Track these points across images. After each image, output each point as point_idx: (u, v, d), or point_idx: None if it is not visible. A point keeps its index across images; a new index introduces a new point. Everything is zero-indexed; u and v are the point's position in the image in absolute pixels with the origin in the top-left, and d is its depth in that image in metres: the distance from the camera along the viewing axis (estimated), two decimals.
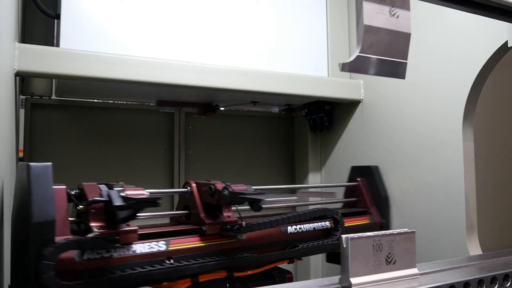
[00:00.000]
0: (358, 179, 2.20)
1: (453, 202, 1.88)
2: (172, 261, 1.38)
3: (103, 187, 1.30)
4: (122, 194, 1.20)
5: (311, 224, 1.79)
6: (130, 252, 1.30)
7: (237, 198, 1.38)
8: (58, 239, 1.17)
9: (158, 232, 1.43)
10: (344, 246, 0.84)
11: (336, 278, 0.87)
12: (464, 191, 1.84)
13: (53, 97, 2.36)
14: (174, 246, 1.40)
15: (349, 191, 2.24)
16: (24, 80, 2.25)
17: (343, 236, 0.84)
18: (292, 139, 2.99)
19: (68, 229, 1.26)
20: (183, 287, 1.40)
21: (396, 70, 0.93)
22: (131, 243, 1.30)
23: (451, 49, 1.94)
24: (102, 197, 1.24)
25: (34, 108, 2.31)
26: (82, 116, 2.43)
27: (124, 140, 2.50)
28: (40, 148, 2.30)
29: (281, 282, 1.61)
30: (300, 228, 1.74)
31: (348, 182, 2.25)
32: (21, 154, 2.22)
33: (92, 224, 1.23)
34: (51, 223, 1.17)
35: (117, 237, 1.23)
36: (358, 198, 2.18)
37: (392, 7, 0.91)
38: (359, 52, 0.87)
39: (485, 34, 1.78)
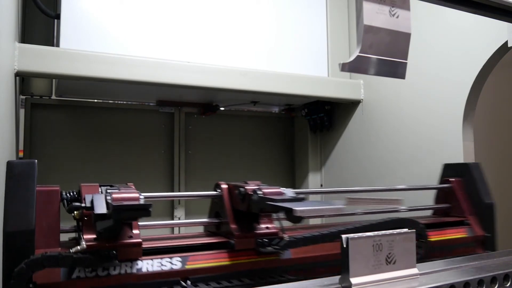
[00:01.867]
0: (452, 179, 1.73)
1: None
2: (189, 283, 1.11)
3: (103, 190, 1.08)
4: (109, 199, 0.97)
5: None
6: (134, 271, 1.04)
7: (266, 205, 1.07)
8: (41, 252, 0.94)
9: (173, 246, 1.15)
10: (344, 246, 0.84)
11: (336, 278, 0.87)
12: None
13: (53, 97, 2.36)
14: (193, 264, 1.12)
15: (441, 195, 1.77)
16: (24, 80, 2.25)
17: (343, 236, 0.84)
18: (292, 139, 2.99)
19: (57, 240, 1.04)
20: None
21: (396, 70, 0.93)
22: (134, 260, 1.05)
23: (451, 49, 1.94)
24: (85, 202, 1.00)
25: (34, 108, 2.31)
26: (82, 116, 2.43)
27: (124, 140, 2.50)
28: (40, 148, 2.30)
29: None
30: None
31: (440, 183, 1.78)
32: (21, 154, 2.22)
33: (85, 235, 1.00)
34: (28, 233, 0.96)
35: (113, 252, 0.99)
36: (452, 204, 1.72)
37: (392, 7, 0.91)
38: (359, 52, 0.87)
39: (485, 34, 1.78)
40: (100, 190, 1.07)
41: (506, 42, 1.69)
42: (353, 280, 0.83)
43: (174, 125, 2.64)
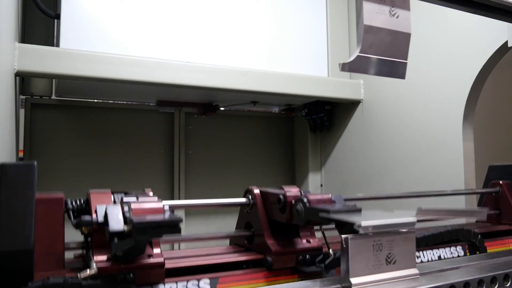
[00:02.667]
0: (500, 182, 1.55)
1: (453, 202, 1.88)
2: None
3: (117, 199, 0.91)
4: (127, 211, 0.80)
5: (435, 251, 1.25)
6: None
7: (317, 218, 0.91)
8: (41, 276, 0.77)
9: (199, 266, 0.98)
10: (344, 246, 0.84)
11: (336, 278, 0.87)
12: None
13: (53, 97, 2.36)
14: (224, 287, 0.95)
15: (488, 200, 1.60)
16: (24, 80, 2.25)
17: (343, 236, 0.84)
18: (292, 139, 2.99)
19: (61, 261, 0.87)
20: None
21: (396, 70, 0.93)
22: (155, 284, 0.87)
23: (451, 49, 1.94)
24: (97, 215, 0.84)
25: (34, 108, 2.31)
26: (82, 116, 2.43)
27: (124, 140, 2.50)
28: (40, 148, 2.30)
29: None
30: (417, 257, 1.22)
31: (485, 186, 1.62)
32: (21, 154, 2.22)
33: (96, 255, 0.83)
34: (26, 253, 0.78)
35: (130, 275, 0.83)
36: (502, 210, 1.54)
37: (392, 7, 0.91)
38: (359, 52, 0.87)
39: (485, 34, 1.78)
40: (113, 199, 0.91)
41: (506, 42, 1.69)
42: (353, 280, 0.83)
43: (174, 125, 2.64)
